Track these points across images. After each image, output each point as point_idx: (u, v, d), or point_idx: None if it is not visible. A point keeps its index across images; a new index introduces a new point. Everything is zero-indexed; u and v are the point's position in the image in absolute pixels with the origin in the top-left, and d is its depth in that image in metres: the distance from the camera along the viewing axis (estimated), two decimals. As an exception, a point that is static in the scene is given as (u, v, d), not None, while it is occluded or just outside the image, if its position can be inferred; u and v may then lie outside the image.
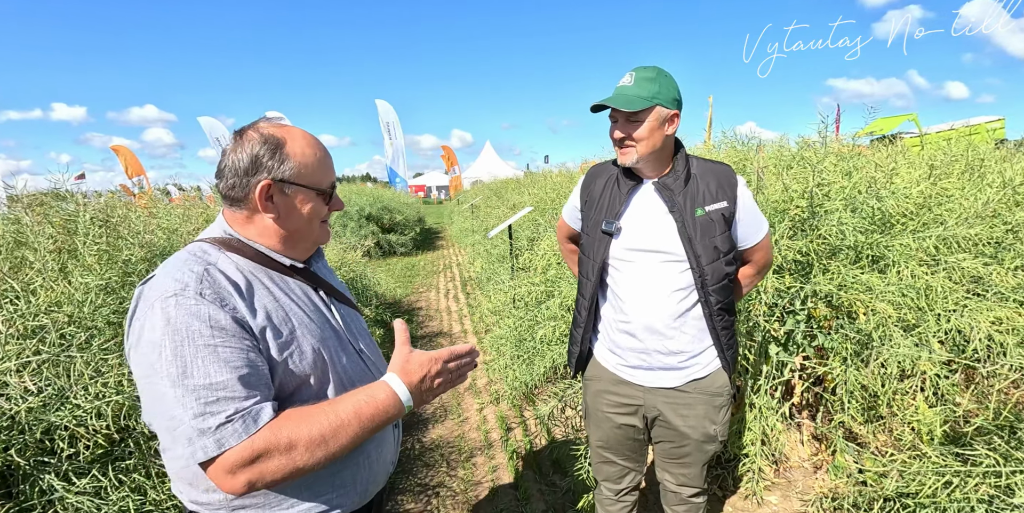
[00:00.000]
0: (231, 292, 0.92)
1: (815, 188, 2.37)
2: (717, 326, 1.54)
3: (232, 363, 0.86)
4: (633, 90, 1.39)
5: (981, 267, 2.35)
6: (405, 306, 6.70)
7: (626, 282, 1.55)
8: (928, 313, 2.23)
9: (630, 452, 1.82)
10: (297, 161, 0.99)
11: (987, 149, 3.58)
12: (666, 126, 1.43)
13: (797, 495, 2.53)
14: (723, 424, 1.68)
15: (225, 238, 1.01)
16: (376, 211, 11.15)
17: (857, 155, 2.93)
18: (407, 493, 2.72)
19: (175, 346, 0.83)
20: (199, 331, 0.85)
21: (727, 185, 1.49)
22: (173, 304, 0.85)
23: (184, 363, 0.83)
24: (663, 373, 1.62)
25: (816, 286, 2.35)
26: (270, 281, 1.01)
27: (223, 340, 0.86)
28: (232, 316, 0.89)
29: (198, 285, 0.88)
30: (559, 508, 2.54)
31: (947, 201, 2.74)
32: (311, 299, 1.07)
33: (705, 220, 1.45)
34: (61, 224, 2.47)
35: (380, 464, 1.14)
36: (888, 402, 2.30)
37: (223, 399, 0.84)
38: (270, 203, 1.00)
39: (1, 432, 1.33)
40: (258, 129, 1.00)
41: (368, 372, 1.13)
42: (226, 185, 0.99)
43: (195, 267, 0.92)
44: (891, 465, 1.88)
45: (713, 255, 1.46)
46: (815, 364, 2.48)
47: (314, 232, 1.08)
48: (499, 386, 3.98)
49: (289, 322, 0.98)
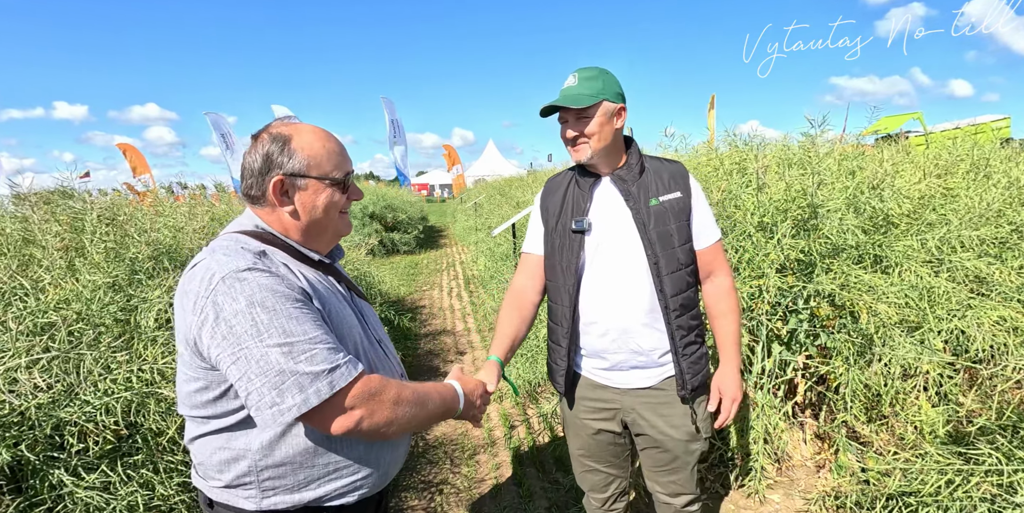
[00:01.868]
0: (287, 273, 0.98)
1: (816, 188, 2.37)
2: (673, 323, 1.50)
3: (318, 323, 0.94)
4: (578, 89, 1.44)
5: (984, 267, 2.35)
6: (408, 304, 6.71)
7: (595, 280, 1.54)
8: (930, 313, 2.23)
9: (612, 458, 1.77)
10: (306, 154, 1.04)
11: (992, 148, 3.57)
12: (615, 120, 1.47)
13: (799, 493, 2.54)
14: (704, 420, 1.65)
15: (258, 231, 1.07)
16: (379, 209, 11.19)
17: (860, 154, 2.93)
18: (411, 490, 2.73)
19: (268, 311, 0.89)
20: (285, 295, 0.91)
21: (679, 177, 1.53)
22: (250, 277, 0.90)
23: (281, 324, 0.89)
24: (637, 373, 1.59)
25: (818, 286, 2.35)
26: (308, 270, 1.06)
27: (304, 304, 0.94)
28: (301, 288, 0.97)
29: (263, 262, 0.95)
30: (562, 506, 2.56)
31: (951, 201, 2.74)
32: (339, 291, 1.14)
33: (659, 209, 1.48)
34: (68, 222, 2.49)
35: (403, 446, 1.21)
36: (891, 402, 2.31)
37: (326, 349, 0.91)
38: (285, 198, 1.05)
39: (12, 428, 1.35)
40: (269, 129, 1.06)
41: (387, 360, 1.19)
42: (246, 186, 1.06)
43: (251, 248, 0.98)
44: (894, 463, 1.89)
45: (667, 242, 1.47)
46: (818, 363, 2.48)
47: (333, 222, 1.13)
48: (502, 384, 3.99)
49: (330, 306, 1.04)
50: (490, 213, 10.34)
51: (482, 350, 4.81)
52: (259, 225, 1.08)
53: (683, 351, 1.53)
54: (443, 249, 12.08)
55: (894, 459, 1.87)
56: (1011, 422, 1.79)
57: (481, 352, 4.78)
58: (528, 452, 3.06)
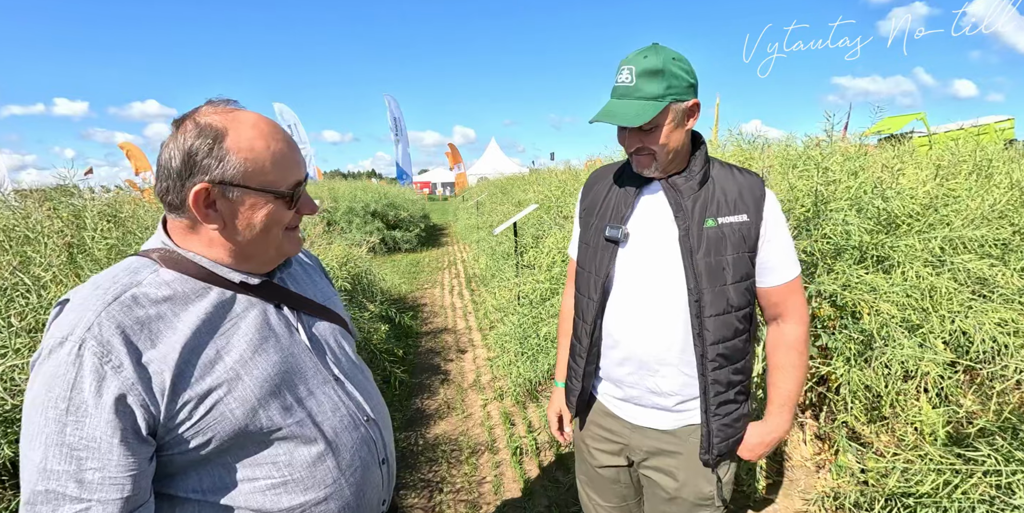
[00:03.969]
0: (133, 336, 0.74)
1: (821, 187, 2.37)
2: (708, 375, 1.23)
3: (76, 451, 0.69)
4: (636, 91, 1.13)
5: (987, 268, 2.34)
6: (410, 302, 6.72)
7: (621, 300, 1.30)
8: (932, 314, 2.23)
9: (616, 499, 1.52)
10: (243, 157, 0.79)
11: (995, 150, 3.56)
12: (687, 120, 1.18)
13: (799, 494, 2.54)
14: (726, 483, 1.36)
15: (162, 251, 0.83)
16: (381, 208, 11.21)
17: (864, 154, 2.93)
18: (411, 488, 2.74)
19: (35, 414, 0.71)
20: (58, 399, 0.70)
21: (751, 197, 1.21)
22: (48, 363, 0.71)
23: (31, 435, 0.70)
24: (654, 412, 1.34)
25: (820, 286, 2.35)
26: (212, 306, 0.82)
27: (76, 419, 0.69)
28: (113, 381, 0.71)
29: (84, 332, 0.71)
30: (562, 504, 2.56)
31: (953, 202, 2.74)
32: (268, 321, 0.89)
33: (715, 233, 1.19)
34: (69, 219, 2.50)
35: (367, 510, 0.99)
36: (891, 403, 2.31)
37: (50, 492, 0.69)
38: (212, 211, 0.81)
39: (15, 424, 1.36)
40: (196, 117, 0.79)
41: (339, 402, 0.94)
42: (160, 189, 0.81)
43: (104, 296, 0.75)
44: (894, 464, 1.89)
45: (717, 277, 1.19)
46: (819, 364, 2.48)
47: (274, 242, 0.88)
48: (503, 383, 4.00)
49: (221, 361, 0.80)
50: (491, 211, 10.34)
51: (483, 349, 4.82)
52: (165, 242, 0.84)
53: (716, 410, 1.25)
54: (445, 247, 12.09)
55: (894, 458, 1.88)
56: (1011, 424, 1.79)
57: (482, 350, 4.78)
58: (528, 451, 3.07)
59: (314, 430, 0.88)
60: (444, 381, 4.14)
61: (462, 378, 4.20)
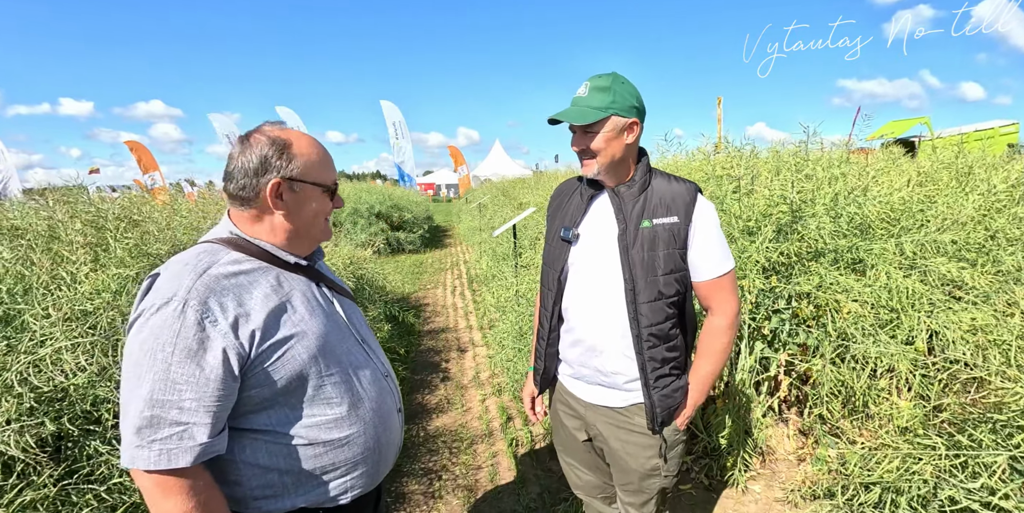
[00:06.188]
0: (223, 299, 0.96)
1: (795, 194, 2.50)
2: (645, 353, 1.42)
3: (178, 384, 0.90)
4: (586, 101, 1.35)
5: (956, 271, 2.48)
6: (413, 302, 6.87)
7: (573, 290, 1.51)
8: (902, 313, 2.36)
9: (593, 463, 1.73)
10: (304, 160, 1.06)
11: (976, 157, 3.68)
12: (624, 135, 1.37)
13: (779, 485, 2.67)
14: (673, 458, 1.56)
15: (231, 238, 1.07)
16: (386, 209, 11.34)
17: (845, 160, 3.06)
18: (411, 476, 2.89)
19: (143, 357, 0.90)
20: (165, 344, 0.90)
21: (682, 202, 1.41)
22: (154, 320, 0.91)
23: (139, 374, 0.90)
24: (603, 390, 1.54)
25: (797, 287, 2.48)
26: (275, 279, 1.06)
27: (180, 359, 0.90)
28: (212, 331, 0.93)
29: (185, 295, 0.93)
30: (553, 491, 2.70)
31: (929, 207, 2.87)
32: (314, 294, 1.13)
33: (649, 232, 1.39)
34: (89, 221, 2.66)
35: (389, 448, 1.23)
36: (865, 398, 2.44)
37: (155, 417, 0.89)
38: (280, 200, 1.06)
39: (55, 403, 1.52)
40: (263, 132, 1.07)
41: (369, 359, 1.20)
42: (236, 186, 1.05)
43: (194, 270, 0.97)
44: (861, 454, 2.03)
45: (649, 269, 1.39)
46: (799, 360, 2.62)
47: (318, 228, 1.15)
48: (501, 378, 4.14)
49: (290, 318, 1.04)
50: (494, 214, 10.49)
51: (482, 347, 4.97)
52: (233, 231, 1.08)
53: (655, 383, 1.45)
54: (448, 249, 12.24)
55: (860, 450, 2.01)
56: (969, 416, 1.92)
57: (481, 349, 4.93)
58: (523, 442, 3.21)
59: (354, 379, 1.13)
60: (444, 378, 4.29)
61: (462, 375, 4.35)
